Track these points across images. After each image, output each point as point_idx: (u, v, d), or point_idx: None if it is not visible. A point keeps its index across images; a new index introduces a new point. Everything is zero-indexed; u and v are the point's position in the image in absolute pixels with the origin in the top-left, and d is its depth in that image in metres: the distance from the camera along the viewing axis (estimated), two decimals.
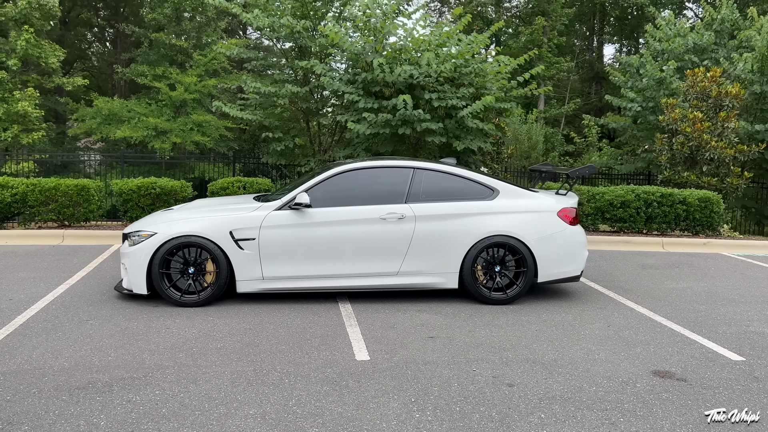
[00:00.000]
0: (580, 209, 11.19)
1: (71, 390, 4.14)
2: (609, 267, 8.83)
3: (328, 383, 4.33)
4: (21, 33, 16.03)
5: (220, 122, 17.89)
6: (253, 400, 4.03)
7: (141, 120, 17.02)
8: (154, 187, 10.76)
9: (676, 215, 11.36)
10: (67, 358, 4.73)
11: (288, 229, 6.33)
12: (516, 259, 6.56)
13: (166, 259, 6.20)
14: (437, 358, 4.88)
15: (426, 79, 11.10)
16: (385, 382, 4.36)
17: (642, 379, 4.53)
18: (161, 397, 4.06)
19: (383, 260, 6.43)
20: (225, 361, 4.72)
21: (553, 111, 24.30)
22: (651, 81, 16.26)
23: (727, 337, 5.62)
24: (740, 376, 4.64)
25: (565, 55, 27.09)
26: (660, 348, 5.24)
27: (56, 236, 10.01)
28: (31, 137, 16.46)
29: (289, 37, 13.15)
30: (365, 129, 11.29)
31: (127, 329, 5.47)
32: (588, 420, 3.83)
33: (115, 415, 3.78)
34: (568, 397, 4.17)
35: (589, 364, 4.82)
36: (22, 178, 10.81)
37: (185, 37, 19.54)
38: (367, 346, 5.13)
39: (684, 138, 13.29)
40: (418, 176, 6.68)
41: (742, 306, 6.79)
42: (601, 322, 5.98)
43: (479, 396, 4.16)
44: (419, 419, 3.80)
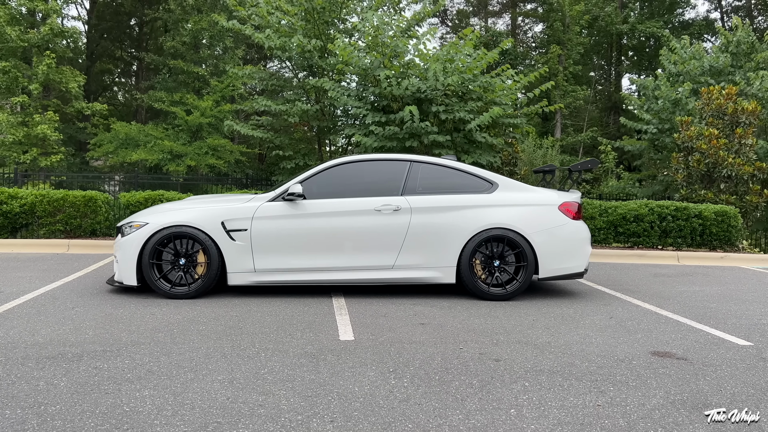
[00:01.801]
0: (592, 221, 10.93)
1: (39, 359, 4.00)
2: (619, 275, 8.53)
3: (306, 357, 4.14)
4: (42, 59, 16.46)
5: (235, 147, 18.07)
6: (224, 369, 3.85)
7: (157, 143, 17.25)
8: (161, 199, 10.78)
9: (692, 229, 11.02)
10: (43, 335, 4.61)
11: (281, 220, 6.22)
12: (515, 253, 6.35)
13: (156, 249, 6.10)
14: (425, 339, 4.66)
15: (433, 93, 11.07)
16: (366, 356, 4.16)
17: (639, 357, 4.26)
18: (129, 365, 3.90)
19: (378, 253, 6.26)
20: (204, 340, 4.56)
21: (569, 139, 24.12)
22: (666, 102, 16.08)
23: (737, 327, 5.31)
24: (746, 356, 4.34)
25: (582, 85, 27.05)
26: (663, 335, 4.96)
27: (62, 245, 10.02)
28: (50, 160, 16.74)
29: (300, 57, 13.31)
30: (373, 142, 11.25)
31: (111, 315, 5.34)
32: (575, 388, 3.57)
33: (77, 378, 3.63)
34: (558, 370, 3.92)
35: (585, 345, 4.56)
36: (31, 190, 10.91)
37: (204, 65, 19.94)
38: (353, 329, 4.94)
39: (700, 155, 13.00)
40: (414, 169, 6.55)
41: (755, 305, 6.45)
42: (602, 315, 5.71)
43: (462, 368, 3.93)
44: (394, 385, 3.58)
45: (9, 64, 16.52)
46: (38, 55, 16.91)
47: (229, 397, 3.35)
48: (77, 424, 2.97)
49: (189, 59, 19.44)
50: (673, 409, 3.28)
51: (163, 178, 17.39)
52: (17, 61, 17.32)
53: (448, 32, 30.54)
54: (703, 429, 3.04)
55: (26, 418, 3.03)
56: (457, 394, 3.44)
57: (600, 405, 3.31)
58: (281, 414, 3.13)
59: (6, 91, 17.71)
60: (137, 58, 22.99)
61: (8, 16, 16.60)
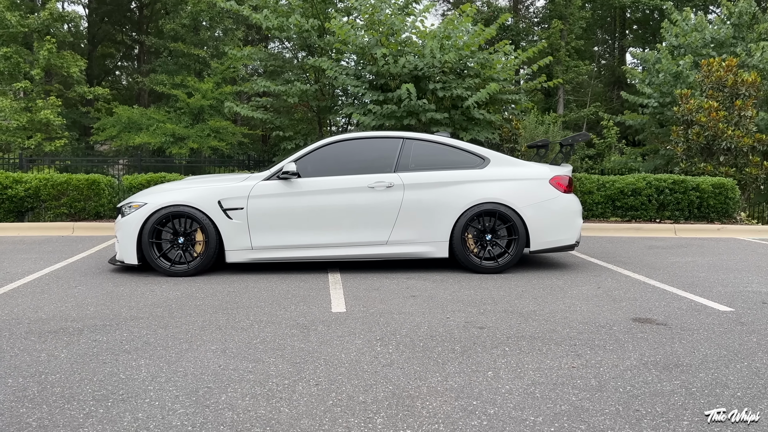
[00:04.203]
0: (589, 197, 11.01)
1: (42, 333, 4.18)
2: (614, 248, 8.64)
3: (297, 328, 4.30)
4: (43, 44, 16.56)
5: (237, 129, 18.16)
6: (218, 340, 4.01)
7: (159, 127, 17.37)
8: (163, 181, 10.92)
9: (690, 202, 11.09)
10: (46, 312, 4.79)
11: (276, 198, 6.35)
12: (507, 227, 6.47)
13: (155, 229, 6.26)
14: (414, 310, 4.81)
15: (431, 70, 11.11)
16: (355, 326, 4.31)
17: (620, 323, 4.39)
18: (128, 338, 4.07)
19: (372, 229, 6.40)
20: (200, 314, 4.72)
21: (572, 115, 24.05)
22: (667, 76, 16.00)
23: (721, 295, 5.43)
24: (725, 321, 4.47)
25: (585, 60, 26.88)
26: (647, 302, 5.09)
27: (67, 228, 10.22)
28: (54, 145, 16.91)
29: (299, 37, 13.35)
30: (371, 121, 11.34)
31: (112, 292, 5.52)
32: (552, 352, 3.72)
33: (77, 350, 3.80)
34: (538, 336, 4.06)
35: (569, 314, 4.70)
36: (36, 174, 11.07)
37: (204, 47, 19.97)
38: (346, 302, 5.09)
39: (699, 128, 13.01)
40: (407, 146, 6.65)
41: (744, 273, 6.56)
42: (591, 285, 5.84)
43: (446, 335, 4.07)
44: (379, 351, 3.73)
45: (10, 50, 16.63)
46: (39, 40, 17.00)
47: (221, 365, 3.51)
48: (75, 390, 3.14)
49: (189, 41, 19.49)
50: (645, 369, 3.42)
51: (167, 161, 17.51)
52: (18, 46, 17.42)
53: (449, 9, 30.34)
54: (670, 386, 3.18)
55: (27, 385, 3.20)
56: (438, 359, 3.59)
57: (575, 366, 3.45)
58: (269, 379, 3.28)
59: (8, 77, 17.84)
60: (138, 42, 23.04)
61: (8, 1, 16.66)
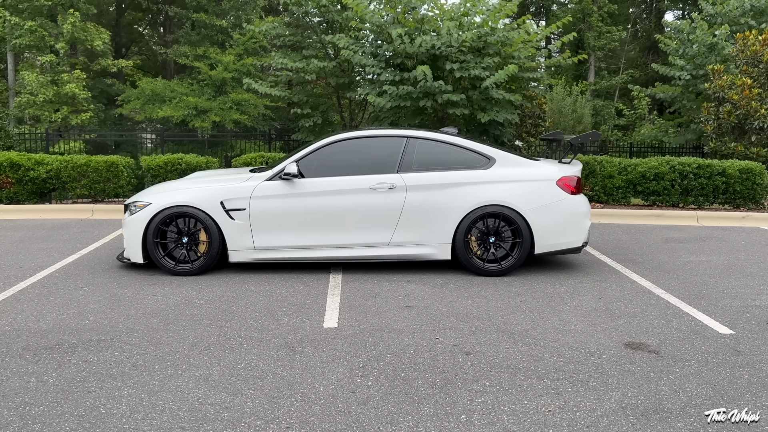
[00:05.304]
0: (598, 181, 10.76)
1: (37, 350, 4.29)
2: (629, 240, 8.45)
3: (285, 348, 4.33)
4: (67, 17, 16.62)
5: (259, 101, 18.11)
6: (204, 363, 4.07)
7: (182, 99, 17.42)
8: (180, 162, 11.02)
9: (715, 188, 10.74)
10: (47, 321, 4.91)
11: (278, 199, 6.34)
12: (512, 229, 6.36)
13: (160, 228, 6.33)
14: (405, 326, 4.79)
15: (448, 49, 10.83)
16: (342, 348, 4.32)
17: (611, 350, 4.31)
18: (118, 358, 4.15)
19: (374, 231, 6.36)
20: (194, 326, 4.79)
21: (603, 83, 23.33)
22: (702, 47, 15.34)
23: (726, 310, 5.27)
24: (720, 349, 4.34)
25: (618, 25, 25.91)
26: (645, 320, 4.97)
27: (86, 211, 10.42)
28: (80, 118, 17.13)
29: (317, 12, 13.13)
30: (386, 102, 11.17)
31: (115, 296, 5.62)
32: (533, 389, 3.67)
33: (66, 373, 3.89)
34: (523, 366, 4.01)
35: (561, 334, 4.62)
36: (56, 156, 11.25)
37: (227, 17, 19.82)
38: (339, 314, 5.10)
39: (731, 106, 12.51)
40: (411, 145, 6.54)
41: (757, 279, 6.36)
42: (593, 294, 5.73)
43: (430, 363, 4.06)
44: (358, 384, 3.74)
45: (35, 24, 16.75)
46: (63, 13, 17.07)
47: (200, 398, 3.56)
48: (55, 427, 3.22)
49: (212, 11, 19.34)
50: (623, 415, 3.35)
51: (192, 135, 17.65)
52: (43, 19, 17.53)
53: None
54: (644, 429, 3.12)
55: (11, 420, 3.30)
56: (415, 396, 3.58)
57: (551, 410, 3.41)
58: (243, 418, 3.32)
59: (36, 50, 18.03)
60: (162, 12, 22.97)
61: None
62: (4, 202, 10.62)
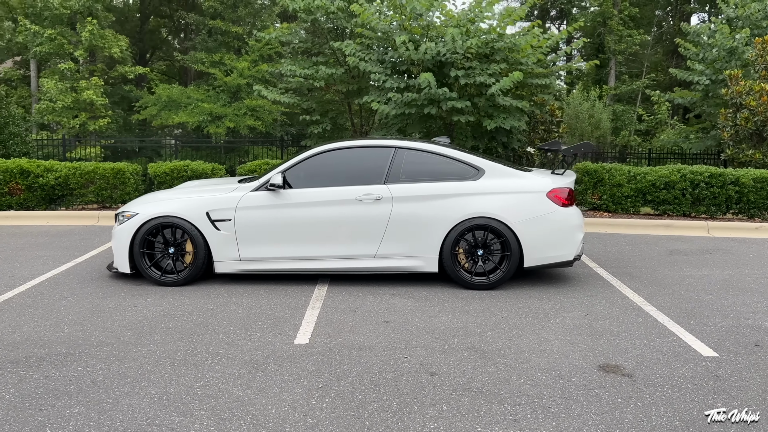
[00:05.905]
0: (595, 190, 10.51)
1: (3, 363, 4.30)
2: (631, 252, 8.22)
3: (248, 366, 4.26)
4: (85, 25, 16.90)
5: (273, 107, 18.18)
6: (164, 380, 4.02)
7: (197, 106, 17.58)
8: (186, 170, 11.10)
9: (728, 197, 10.42)
10: (22, 333, 4.93)
11: (263, 210, 6.30)
12: (500, 242, 6.21)
13: (146, 239, 6.34)
14: (377, 343, 4.70)
15: (453, 56, 10.71)
16: (305, 367, 4.24)
17: (582, 372, 4.15)
18: (80, 373, 4.13)
19: (360, 242, 6.28)
20: (165, 340, 4.76)
21: (624, 87, 22.90)
22: (721, 51, 14.96)
23: (715, 330, 5.06)
24: (698, 374, 4.15)
25: (641, 28, 25.42)
26: (626, 340, 4.80)
27: (93, 217, 10.53)
28: (97, 124, 17.40)
29: (327, 20, 13.11)
30: (391, 110, 11.09)
31: (96, 307, 5.63)
32: (491, 415, 3.54)
33: (24, 389, 3.88)
34: (486, 389, 3.88)
35: (535, 354, 4.48)
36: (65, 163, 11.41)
37: (243, 24, 19.95)
38: (314, 329, 5.02)
39: (749, 112, 12.15)
40: (399, 156, 6.45)
41: (756, 296, 6.11)
42: (579, 311, 5.56)
43: (392, 385, 3.95)
44: (313, 406, 3.66)
45: (55, 32, 17.06)
46: (81, 21, 17.37)
47: (149, 418, 3.51)
48: None
49: (228, 18, 19.49)
50: None
51: (208, 141, 17.80)
52: (63, 27, 17.86)
53: None
54: None
55: None
56: (367, 420, 3.48)
57: None
58: None
59: (57, 57, 18.38)
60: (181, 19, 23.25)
61: None
62: (14, 208, 10.80)
